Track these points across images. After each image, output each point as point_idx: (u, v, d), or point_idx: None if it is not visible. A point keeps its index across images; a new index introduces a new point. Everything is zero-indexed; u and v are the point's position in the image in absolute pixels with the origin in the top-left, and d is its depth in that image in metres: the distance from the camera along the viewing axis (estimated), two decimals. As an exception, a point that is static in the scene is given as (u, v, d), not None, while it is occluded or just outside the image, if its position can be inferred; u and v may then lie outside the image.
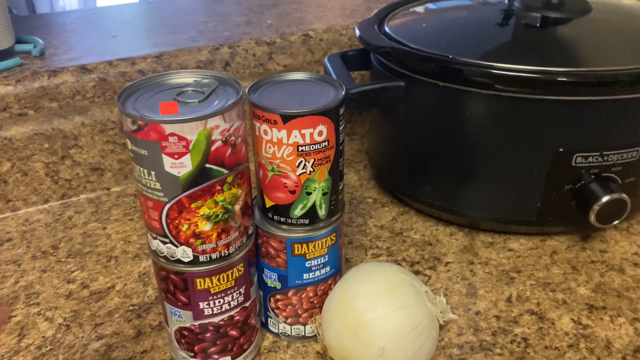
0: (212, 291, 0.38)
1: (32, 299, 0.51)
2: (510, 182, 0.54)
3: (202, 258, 0.37)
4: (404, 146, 0.58)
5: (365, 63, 0.62)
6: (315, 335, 0.44)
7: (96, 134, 0.65)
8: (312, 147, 0.38)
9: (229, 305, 0.39)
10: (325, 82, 0.41)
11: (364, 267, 0.43)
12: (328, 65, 0.59)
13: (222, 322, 0.40)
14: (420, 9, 0.64)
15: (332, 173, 0.40)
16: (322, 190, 0.40)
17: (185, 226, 0.36)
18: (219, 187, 0.35)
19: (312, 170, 0.39)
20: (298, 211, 0.40)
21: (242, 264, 0.39)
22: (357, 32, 0.58)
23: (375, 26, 0.59)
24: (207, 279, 0.38)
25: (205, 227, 0.36)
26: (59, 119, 0.63)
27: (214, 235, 0.37)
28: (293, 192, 0.39)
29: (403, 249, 0.57)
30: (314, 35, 0.74)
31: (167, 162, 0.33)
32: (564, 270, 0.54)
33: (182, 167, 0.33)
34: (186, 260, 0.37)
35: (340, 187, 0.42)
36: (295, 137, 0.37)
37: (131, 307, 0.50)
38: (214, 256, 0.37)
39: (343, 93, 0.38)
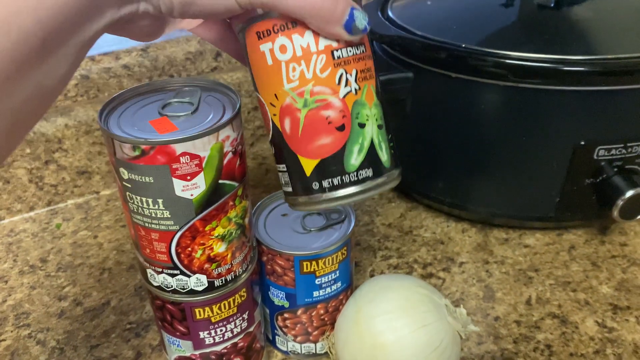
0: (213, 320, 0.35)
1: (22, 320, 0.48)
2: (527, 177, 0.50)
3: (217, 282, 0.34)
4: (412, 141, 0.54)
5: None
6: (327, 352, 0.41)
7: (81, 136, 0.61)
8: (350, 52, 0.28)
9: (232, 332, 0.36)
10: None
11: (379, 283, 0.39)
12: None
13: (225, 350, 0.37)
14: (424, -10, 0.60)
15: (379, 97, 0.30)
16: (376, 120, 0.29)
17: (200, 252, 0.32)
18: (231, 203, 0.32)
19: (357, 87, 0.28)
20: (355, 158, 0.29)
21: (244, 289, 0.36)
22: (359, 18, 0.53)
23: (378, 11, 0.54)
24: (207, 308, 0.34)
25: (221, 248, 0.33)
26: (40, 122, 0.59)
27: (229, 256, 0.34)
28: (341, 129, 0.28)
29: (414, 249, 0.54)
30: (309, 19, 0.70)
31: (179, 186, 0.30)
32: (583, 267, 0.52)
33: (195, 188, 0.30)
34: (200, 288, 0.34)
35: (389, 125, 0.31)
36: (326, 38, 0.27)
37: (128, 326, 0.47)
38: (229, 278, 0.34)
39: None
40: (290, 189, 0.31)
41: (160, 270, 0.33)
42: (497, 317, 0.47)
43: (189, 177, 0.29)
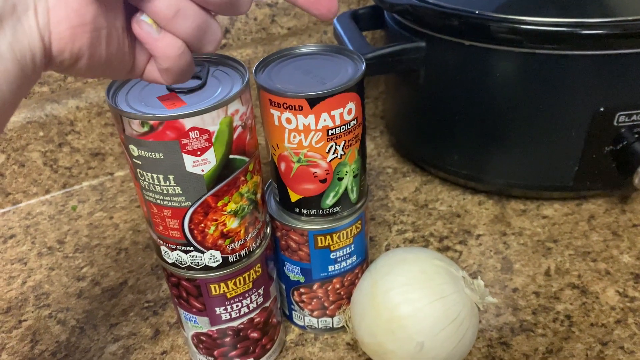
0: (229, 296, 0.35)
1: (42, 300, 0.49)
2: (545, 146, 0.49)
3: (231, 258, 0.34)
4: (426, 112, 0.53)
5: (378, 21, 0.57)
6: (344, 325, 0.41)
7: (93, 117, 0.61)
8: (343, 129, 0.34)
9: (248, 308, 0.36)
10: (335, 53, 0.36)
11: (395, 256, 0.39)
12: (338, 26, 0.54)
13: (242, 326, 0.37)
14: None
15: (361, 152, 0.37)
16: (353, 172, 0.36)
17: (213, 228, 0.32)
18: (243, 178, 0.32)
19: (343, 153, 0.35)
20: (330, 200, 0.37)
21: (259, 265, 0.36)
22: (369, -12, 0.52)
23: (388, -20, 0.53)
24: (222, 284, 0.34)
25: (234, 224, 0.33)
26: (51, 104, 0.59)
27: (242, 231, 0.33)
28: (324, 181, 0.36)
29: (429, 222, 0.54)
30: (318, -8, 0.68)
31: (189, 162, 0.29)
32: (604, 236, 0.51)
33: (205, 163, 0.30)
34: (215, 264, 0.34)
35: (365, 166, 0.38)
36: (325, 120, 0.33)
37: (146, 304, 0.47)
38: (243, 253, 0.34)
39: (363, 61, 0.34)
40: (278, 200, 0.38)
41: (174, 247, 0.33)
42: (515, 288, 0.46)
43: (199, 153, 0.29)
